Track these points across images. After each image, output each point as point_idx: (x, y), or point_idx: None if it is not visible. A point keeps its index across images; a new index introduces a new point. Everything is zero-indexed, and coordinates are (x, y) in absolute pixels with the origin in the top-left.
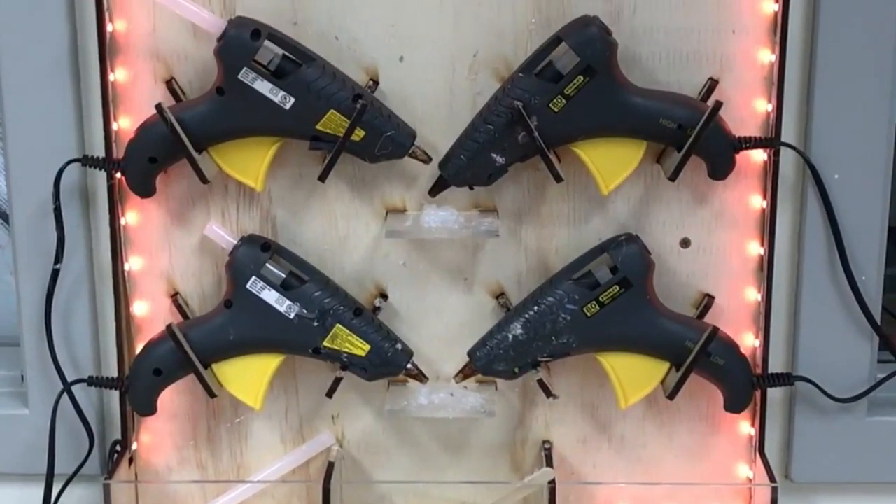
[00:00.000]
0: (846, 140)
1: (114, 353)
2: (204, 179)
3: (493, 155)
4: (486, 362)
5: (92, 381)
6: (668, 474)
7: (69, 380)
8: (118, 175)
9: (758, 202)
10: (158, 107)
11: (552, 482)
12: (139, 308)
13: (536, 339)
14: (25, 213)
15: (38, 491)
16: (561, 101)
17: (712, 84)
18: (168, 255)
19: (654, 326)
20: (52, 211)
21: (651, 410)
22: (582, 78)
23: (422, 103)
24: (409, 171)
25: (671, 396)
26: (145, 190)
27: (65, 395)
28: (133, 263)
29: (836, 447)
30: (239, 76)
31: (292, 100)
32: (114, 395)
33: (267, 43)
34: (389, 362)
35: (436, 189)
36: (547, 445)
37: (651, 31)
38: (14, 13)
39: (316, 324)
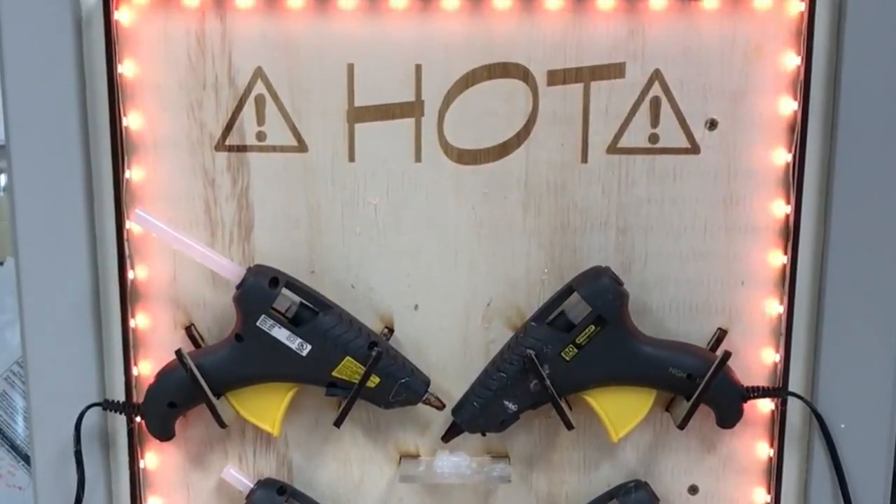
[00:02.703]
0: (853, 390)
1: None
2: (222, 424)
3: (506, 402)
4: None
5: None
6: None
7: None
8: (138, 419)
9: (765, 451)
10: (178, 353)
11: None
12: None
13: None
14: (46, 456)
15: None
16: (573, 350)
17: (721, 334)
18: (186, 498)
19: None
20: (73, 454)
21: None
22: (593, 327)
23: (436, 351)
24: (422, 417)
25: None
26: (164, 434)
27: None
28: None
29: None
30: (257, 323)
31: (309, 347)
32: None
33: (285, 291)
34: None
35: (449, 435)
36: None
37: (661, 281)
38: (37, 259)
39: None
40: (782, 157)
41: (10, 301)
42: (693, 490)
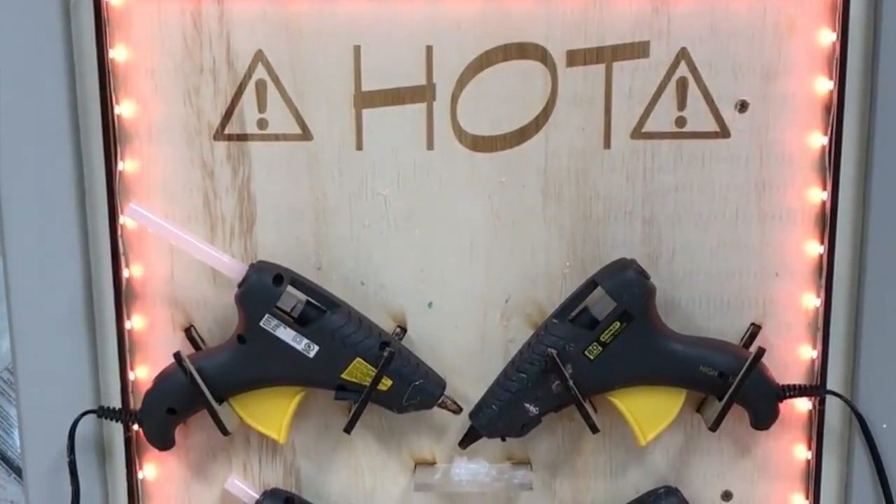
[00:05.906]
0: (895, 388)
1: None
2: (225, 431)
3: (527, 405)
4: None
5: None
6: None
7: None
8: (135, 427)
9: (802, 453)
10: (177, 356)
11: None
12: None
13: None
14: (39, 467)
15: None
16: (597, 348)
17: (755, 330)
18: None
19: None
20: (67, 464)
21: None
22: (618, 324)
23: (451, 351)
24: (438, 422)
25: None
26: (164, 442)
27: None
28: None
29: None
30: (261, 323)
31: (316, 348)
32: None
33: (290, 288)
34: None
35: (466, 441)
36: None
37: (690, 275)
38: (26, 258)
39: None
40: (818, 140)
41: (1, 307)
42: (727, 496)
